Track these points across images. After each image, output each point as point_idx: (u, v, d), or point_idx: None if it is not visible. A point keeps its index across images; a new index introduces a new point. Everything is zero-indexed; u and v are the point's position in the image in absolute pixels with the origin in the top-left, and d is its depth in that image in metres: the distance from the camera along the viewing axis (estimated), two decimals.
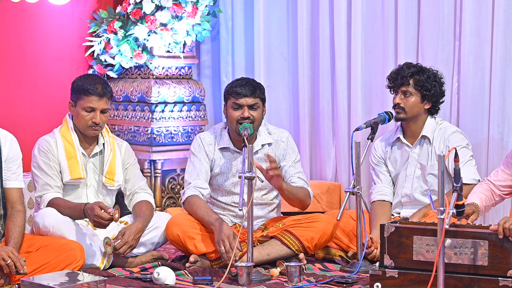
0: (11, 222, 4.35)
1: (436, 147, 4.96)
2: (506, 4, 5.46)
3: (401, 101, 4.95)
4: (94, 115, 4.73)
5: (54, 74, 6.16)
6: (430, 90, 4.94)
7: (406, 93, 4.95)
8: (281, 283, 4.41)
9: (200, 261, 4.71)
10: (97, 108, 4.74)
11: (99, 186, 4.88)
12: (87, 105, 4.73)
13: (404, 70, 4.96)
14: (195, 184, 4.85)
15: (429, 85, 4.94)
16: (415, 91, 4.95)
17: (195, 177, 4.87)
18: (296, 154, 5.00)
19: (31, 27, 6.14)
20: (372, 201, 5.10)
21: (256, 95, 4.81)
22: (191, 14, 6.30)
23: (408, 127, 5.04)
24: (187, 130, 6.44)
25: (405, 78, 4.93)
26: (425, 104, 4.98)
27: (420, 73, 4.95)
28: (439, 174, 3.60)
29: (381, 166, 5.14)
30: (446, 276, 3.69)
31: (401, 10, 5.89)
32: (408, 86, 4.94)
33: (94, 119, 4.73)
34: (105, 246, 4.59)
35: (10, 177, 4.42)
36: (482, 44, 5.58)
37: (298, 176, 4.92)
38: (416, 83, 4.94)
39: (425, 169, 4.98)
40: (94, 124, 4.74)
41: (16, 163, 4.44)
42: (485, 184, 4.58)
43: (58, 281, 3.99)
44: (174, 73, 6.45)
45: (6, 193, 4.42)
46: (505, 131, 5.52)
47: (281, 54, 6.55)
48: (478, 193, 4.51)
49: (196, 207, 4.76)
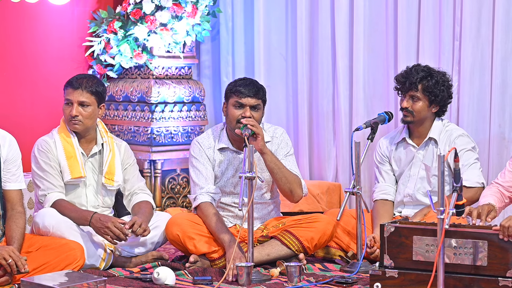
0: (13, 223, 4.35)
1: (442, 149, 4.94)
2: (506, 4, 5.46)
3: (408, 105, 4.92)
4: (71, 107, 4.74)
5: (54, 74, 6.16)
6: (438, 95, 4.92)
7: (414, 97, 4.92)
8: (281, 283, 4.41)
9: (200, 261, 4.71)
10: (73, 100, 4.72)
11: (98, 186, 4.88)
12: (66, 97, 4.77)
13: (413, 75, 4.91)
14: (207, 189, 4.83)
15: (438, 90, 4.91)
16: (423, 96, 4.91)
17: (204, 181, 4.85)
18: (289, 148, 4.96)
19: (31, 27, 6.14)
20: (374, 199, 5.09)
21: (259, 97, 4.81)
22: (191, 14, 6.30)
23: (415, 128, 5.02)
24: (187, 130, 6.44)
25: (414, 84, 4.89)
26: (433, 108, 4.96)
27: (428, 78, 4.91)
28: (439, 174, 3.60)
29: (384, 165, 5.12)
30: (446, 276, 3.69)
31: (402, 10, 5.89)
32: (417, 92, 4.91)
33: (71, 112, 4.73)
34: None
35: (10, 179, 4.42)
36: (482, 44, 5.58)
37: (290, 168, 4.88)
38: (425, 88, 4.90)
39: (429, 170, 4.96)
40: (71, 117, 4.73)
41: (16, 164, 4.44)
42: (494, 187, 4.57)
43: (58, 281, 3.99)
44: (174, 73, 6.45)
45: (6, 194, 4.42)
46: (506, 131, 5.53)
47: (281, 54, 6.55)
48: (489, 195, 4.49)
49: (210, 220, 4.73)
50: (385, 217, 4.88)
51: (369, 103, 6.15)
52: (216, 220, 4.71)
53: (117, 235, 4.53)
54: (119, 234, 4.53)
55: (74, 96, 4.72)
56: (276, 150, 4.93)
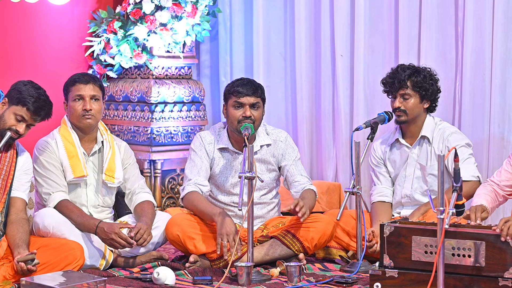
0: (20, 227, 4.38)
1: (436, 147, 4.96)
2: (505, 4, 5.46)
3: (401, 104, 4.95)
4: (84, 102, 4.75)
5: (54, 74, 6.16)
6: (428, 89, 4.96)
7: (405, 95, 4.95)
8: (281, 283, 4.41)
9: (200, 261, 4.72)
10: (85, 94, 4.75)
11: (99, 185, 4.88)
12: (75, 93, 4.77)
13: (400, 74, 4.96)
14: (195, 180, 4.85)
15: (427, 84, 4.96)
16: (414, 92, 4.95)
17: (195, 173, 4.88)
18: (296, 153, 5.01)
19: (31, 27, 6.14)
20: (372, 202, 5.10)
21: (258, 95, 4.83)
22: (191, 14, 6.30)
23: (408, 128, 5.04)
24: (187, 130, 6.44)
25: (403, 82, 4.93)
26: (424, 104, 5.00)
27: (416, 74, 4.96)
28: (439, 174, 3.60)
29: (380, 167, 5.14)
30: (446, 276, 3.69)
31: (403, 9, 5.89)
32: (407, 89, 4.94)
33: (84, 106, 4.75)
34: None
35: (19, 188, 4.50)
36: (482, 44, 5.58)
37: (300, 174, 4.94)
38: (414, 84, 4.94)
39: (424, 169, 4.98)
40: (85, 112, 4.75)
41: (27, 177, 4.54)
42: (488, 185, 4.57)
43: (58, 281, 3.99)
44: (173, 73, 6.45)
45: (12, 200, 4.47)
46: (505, 131, 5.52)
47: (280, 54, 6.55)
48: (482, 195, 4.50)
49: (197, 201, 4.77)
50: (384, 218, 4.88)
51: (369, 103, 6.15)
52: (202, 200, 4.75)
53: (123, 246, 4.57)
54: (124, 244, 4.56)
55: (86, 90, 4.76)
56: (280, 154, 4.95)
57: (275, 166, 4.99)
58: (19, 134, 4.40)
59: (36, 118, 4.43)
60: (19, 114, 4.38)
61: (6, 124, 4.38)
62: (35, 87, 4.45)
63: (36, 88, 4.44)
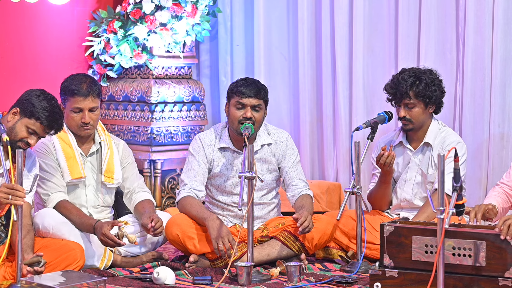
0: (26, 233, 4.32)
1: (435, 156, 4.92)
2: (506, 4, 5.46)
3: (406, 114, 4.91)
4: (83, 115, 4.74)
5: (54, 74, 6.15)
6: (432, 96, 4.90)
7: (408, 105, 4.89)
8: (281, 283, 4.41)
9: (200, 261, 4.72)
10: (84, 108, 4.74)
11: (98, 185, 4.88)
12: (74, 106, 4.74)
13: (402, 84, 4.87)
14: (191, 185, 4.85)
15: (430, 92, 4.88)
16: (417, 101, 4.89)
17: (191, 178, 4.87)
18: (296, 155, 5.00)
19: (31, 27, 6.13)
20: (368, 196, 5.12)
21: (260, 97, 4.81)
22: (191, 14, 6.30)
23: (414, 133, 5.00)
24: (187, 130, 6.44)
25: (405, 93, 4.86)
26: (429, 109, 4.95)
27: (418, 83, 4.87)
28: (439, 174, 3.60)
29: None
30: (446, 276, 3.69)
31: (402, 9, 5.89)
32: (410, 99, 4.88)
33: (83, 119, 4.74)
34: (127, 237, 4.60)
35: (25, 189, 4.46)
36: (482, 44, 5.58)
37: (298, 178, 4.93)
38: (417, 94, 4.87)
39: (425, 177, 4.96)
40: (84, 124, 4.75)
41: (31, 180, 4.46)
42: (499, 187, 4.57)
43: (58, 281, 3.99)
44: (173, 73, 6.45)
45: None
46: (505, 131, 5.52)
47: (281, 54, 6.55)
48: (493, 196, 4.49)
49: (190, 206, 4.77)
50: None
51: (369, 103, 6.15)
52: (195, 204, 4.76)
53: (111, 246, 4.57)
54: (112, 244, 4.55)
55: (85, 104, 4.73)
56: (280, 155, 4.95)
57: (275, 166, 4.99)
58: (29, 145, 4.36)
59: (49, 132, 4.37)
60: (32, 128, 4.31)
61: (18, 136, 4.30)
62: (47, 98, 4.34)
63: (48, 99, 4.34)
